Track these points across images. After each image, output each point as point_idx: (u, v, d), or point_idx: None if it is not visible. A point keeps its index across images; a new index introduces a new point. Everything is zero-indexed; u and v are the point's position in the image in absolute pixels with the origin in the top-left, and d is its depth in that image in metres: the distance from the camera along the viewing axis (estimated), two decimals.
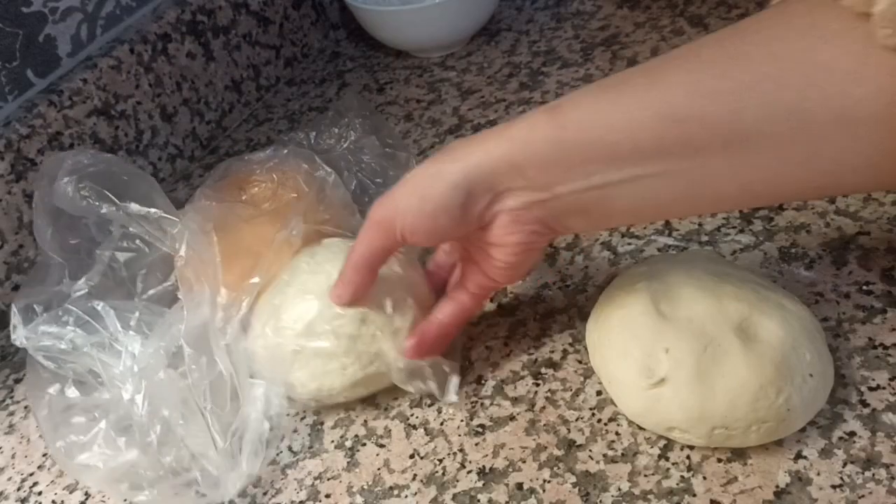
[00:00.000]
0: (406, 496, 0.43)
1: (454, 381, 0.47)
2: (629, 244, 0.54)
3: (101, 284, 0.49)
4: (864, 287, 0.47)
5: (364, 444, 0.46)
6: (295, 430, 0.48)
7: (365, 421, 0.47)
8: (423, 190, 0.42)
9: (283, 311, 0.47)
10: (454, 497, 0.42)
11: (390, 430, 0.46)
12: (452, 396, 0.47)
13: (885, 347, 0.43)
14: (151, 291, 0.51)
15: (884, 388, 0.42)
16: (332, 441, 0.47)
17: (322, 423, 0.48)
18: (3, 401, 0.56)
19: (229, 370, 0.46)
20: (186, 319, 0.46)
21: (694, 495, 0.39)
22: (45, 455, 0.50)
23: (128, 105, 0.68)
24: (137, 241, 0.51)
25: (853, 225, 0.51)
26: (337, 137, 0.62)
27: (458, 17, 0.77)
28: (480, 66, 0.78)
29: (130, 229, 0.49)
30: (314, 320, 0.46)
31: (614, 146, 0.38)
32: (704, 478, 0.40)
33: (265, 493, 0.45)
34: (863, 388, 0.42)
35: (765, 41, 0.37)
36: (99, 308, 0.47)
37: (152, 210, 0.49)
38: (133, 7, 0.71)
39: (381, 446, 0.46)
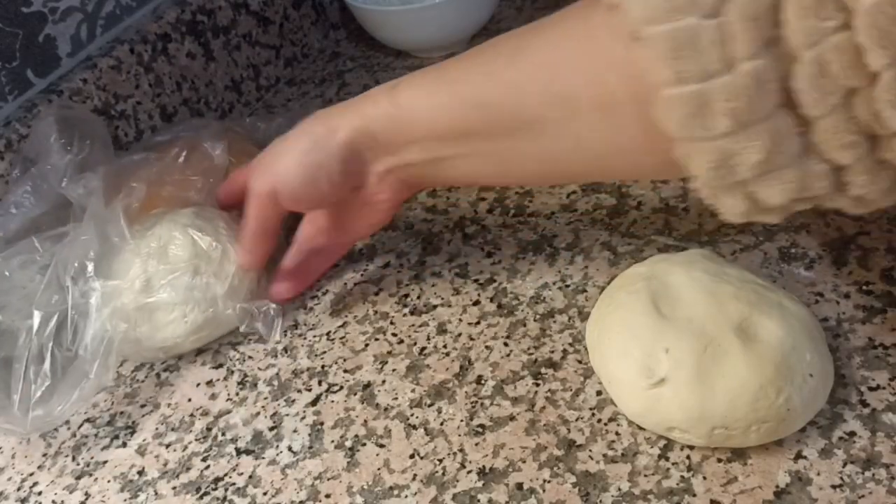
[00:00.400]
0: (406, 496, 0.43)
1: (279, 323, 0.54)
2: (629, 244, 0.54)
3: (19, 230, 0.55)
4: (864, 287, 0.47)
5: (364, 444, 0.46)
6: (295, 430, 0.48)
7: (365, 421, 0.47)
8: (304, 158, 0.47)
9: (120, 273, 0.51)
10: (454, 497, 0.42)
11: (390, 430, 0.46)
12: (277, 335, 0.54)
13: (885, 347, 0.43)
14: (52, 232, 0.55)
15: (884, 388, 0.42)
16: (332, 441, 0.47)
17: (322, 423, 0.48)
18: None
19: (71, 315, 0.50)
20: (55, 260, 0.51)
21: (694, 495, 0.39)
22: (44, 455, 0.50)
23: (128, 105, 0.68)
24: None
25: (853, 225, 0.51)
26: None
27: (458, 17, 0.77)
28: None
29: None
30: (151, 278, 0.51)
31: (435, 126, 0.44)
32: (704, 478, 0.40)
33: (265, 493, 0.45)
34: (863, 388, 0.42)
35: (548, 34, 0.40)
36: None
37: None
38: (133, 7, 0.71)
39: (381, 446, 0.46)
